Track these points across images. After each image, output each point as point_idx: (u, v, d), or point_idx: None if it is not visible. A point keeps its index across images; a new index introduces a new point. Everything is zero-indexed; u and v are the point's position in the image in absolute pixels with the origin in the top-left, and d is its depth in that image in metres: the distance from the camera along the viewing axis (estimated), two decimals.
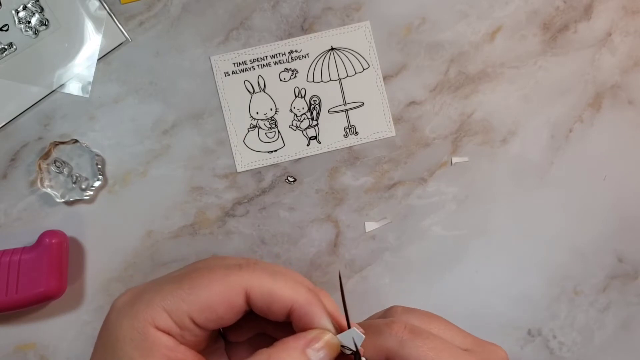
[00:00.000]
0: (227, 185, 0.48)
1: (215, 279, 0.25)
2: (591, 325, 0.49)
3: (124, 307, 0.25)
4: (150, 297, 0.25)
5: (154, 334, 0.24)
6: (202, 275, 0.25)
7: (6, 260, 0.43)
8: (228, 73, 0.48)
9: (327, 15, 0.49)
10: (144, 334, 0.24)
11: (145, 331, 0.24)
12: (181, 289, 0.24)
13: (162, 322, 0.24)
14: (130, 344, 0.24)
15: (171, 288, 0.25)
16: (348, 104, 0.49)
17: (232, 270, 0.25)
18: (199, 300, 0.24)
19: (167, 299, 0.24)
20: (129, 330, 0.24)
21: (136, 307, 0.24)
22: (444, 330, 0.28)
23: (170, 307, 0.24)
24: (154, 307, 0.24)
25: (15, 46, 0.46)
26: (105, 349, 0.25)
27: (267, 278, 0.25)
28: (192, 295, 0.24)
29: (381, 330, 0.26)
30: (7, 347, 0.46)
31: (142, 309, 0.24)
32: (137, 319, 0.24)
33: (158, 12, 0.48)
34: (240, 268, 0.25)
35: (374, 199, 0.49)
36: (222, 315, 0.25)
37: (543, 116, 0.50)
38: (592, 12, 0.50)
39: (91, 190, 0.46)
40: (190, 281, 0.25)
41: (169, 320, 0.24)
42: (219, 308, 0.25)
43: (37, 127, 0.47)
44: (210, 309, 0.24)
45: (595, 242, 0.50)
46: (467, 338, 0.29)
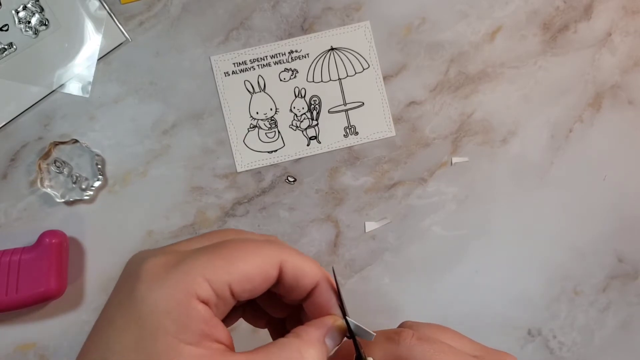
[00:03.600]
0: (227, 185, 0.48)
1: (252, 251, 0.25)
2: (591, 325, 0.49)
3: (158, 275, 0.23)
4: (188, 266, 0.23)
5: (195, 305, 0.23)
6: (238, 247, 0.24)
7: (6, 260, 0.43)
8: (228, 73, 0.48)
9: (327, 15, 0.49)
10: (184, 305, 0.22)
11: (186, 302, 0.22)
12: (222, 259, 0.24)
13: (203, 292, 0.23)
14: (166, 315, 0.22)
15: (210, 257, 0.24)
16: (348, 104, 0.49)
17: (266, 244, 0.25)
18: (239, 270, 0.24)
19: (208, 268, 0.23)
20: (166, 300, 0.22)
21: (174, 275, 0.23)
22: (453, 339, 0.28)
23: (211, 277, 0.23)
24: (195, 277, 0.23)
25: (15, 46, 0.46)
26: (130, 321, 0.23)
27: (298, 254, 0.26)
28: (233, 265, 0.24)
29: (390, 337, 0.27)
30: (7, 347, 0.46)
31: (182, 278, 0.23)
32: (177, 289, 0.23)
33: (158, 12, 0.48)
34: (271, 242, 0.26)
35: (374, 199, 0.49)
36: (257, 286, 0.25)
37: (543, 116, 0.50)
38: (592, 12, 0.50)
39: (91, 190, 0.46)
40: (229, 252, 0.24)
41: (209, 290, 0.23)
42: (255, 279, 0.24)
43: (37, 127, 0.47)
44: (248, 280, 0.24)
45: (595, 242, 0.50)
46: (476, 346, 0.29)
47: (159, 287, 0.23)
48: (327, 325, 0.26)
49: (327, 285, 0.27)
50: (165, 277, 0.23)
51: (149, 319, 0.22)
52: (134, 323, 0.22)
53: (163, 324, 0.22)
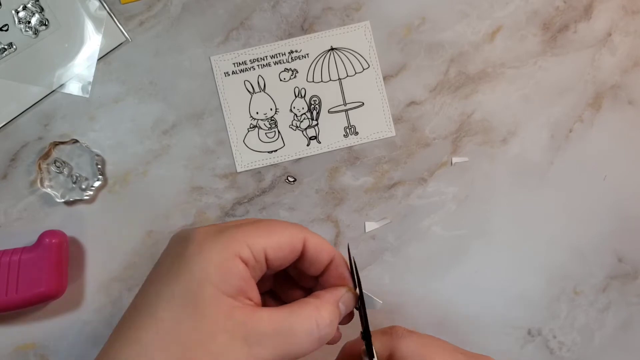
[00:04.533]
0: (227, 185, 0.48)
1: (284, 227, 0.30)
2: (591, 325, 0.49)
3: (209, 237, 0.28)
4: (234, 232, 0.28)
5: (237, 263, 0.27)
6: (272, 223, 0.30)
7: (6, 260, 0.43)
8: (228, 73, 0.48)
9: (327, 15, 0.49)
10: (229, 262, 0.27)
11: (230, 260, 0.27)
12: (260, 230, 0.29)
13: (244, 254, 0.28)
14: (213, 268, 0.27)
15: (251, 228, 0.29)
16: (348, 104, 0.49)
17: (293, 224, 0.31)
18: (273, 240, 0.29)
19: (250, 235, 0.28)
20: (216, 256, 0.27)
21: (222, 238, 0.28)
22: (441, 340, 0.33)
23: (251, 242, 0.28)
24: (239, 241, 0.28)
25: (15, 46, 0.46)
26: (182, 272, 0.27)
27: (317, 236, 0.31)
28: (269, 236, 0.29)
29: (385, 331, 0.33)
30: (7, 347, 0.46)
31: (228, 241, 0.28)
32: (225, 248, 0.27)
33: (158, 12, 0.48)
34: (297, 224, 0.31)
35: (374, 199, 0.49)
36: (286, 255, 0.30)
37: (543, 116, 0.50)
38: (592, 12, 0.50)
39: (91, 190, 0.46)
40: (266, 225, 0.29)
41: (249, 253, 0.28)
42: (285, 248, 0.29)
43: (37, 127, 0.47)
44: (280, 248, 0.29)
45: (595, 242, 0.50)
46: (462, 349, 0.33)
47: (208, 246, 0.27)
48: (341, 292, 0.31)
49: (340, 261, 0.32)
50: (213, 239, 0.28)
51: (199, 270, 0.27)
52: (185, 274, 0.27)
53: (210, 275, 0.27)
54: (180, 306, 0.26)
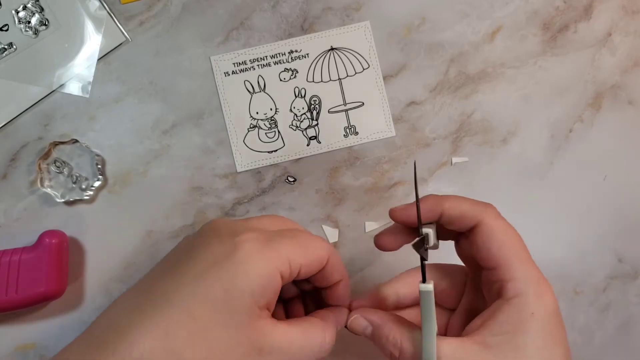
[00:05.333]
0: (227, 185, 0.48)
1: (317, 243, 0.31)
2: (591, 325, 0.49)
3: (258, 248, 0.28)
4: (279, 246, 0.29)
5: (278, 279, 0.28)
6: (308, 238, 0.31)
7: (6, 260, 0.43)
8: (228, 73, 0.48)
9: (327, 15, 0.49)
10: (271, 277, 0.28)
11: (273, 275, 0.28)
12: (300, 247, 0.30)
13: (284, 269, 0.28)
14: (257, 280, 0.27)
15: (292, 243, 0.29)
16: (348, 104, 0.49)
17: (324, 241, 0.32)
18: (309, 257, 0.30)
19: (291, 252, 0.29)
20: (261, 272, 0.28)
21: (269, 252, 0.28)
22: None
23: (292, 259, 0.29)
24: (282, 256, 0.28)
25: (15, 46, 0.46)
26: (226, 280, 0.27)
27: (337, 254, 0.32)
28: (307, 253, 0.30)
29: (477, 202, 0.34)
30: (7, 347, 0.46)
31: (275, 256, 0.28)
32: (271, 262, 0.28)
33: (158, 12, 0.48)
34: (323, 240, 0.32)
35: (374, 199, 0.49)
36: (314, 271, 0.31)
37: (543, 116, 0.50)
38: (592, 12, 0.50)
39: (91, 190, 0.46)
40: (302, 241, 0.30)
41: (288, 268, 0.29)
42: (315, 265, 0.30)
43: (37, 127, 0.47)
44: (311, 265, 0.30)
45: (595, 242, 0.50)
46: None
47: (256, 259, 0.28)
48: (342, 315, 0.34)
49: (347, 282, 0.34)
50: (262, 252, 0.28)
51: (243, 282, 0.27)
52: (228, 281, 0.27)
53: (252, 289, 0.27)
54: (217, 310, 0.27)
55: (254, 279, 0.27)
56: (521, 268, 0.30)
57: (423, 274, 0.31)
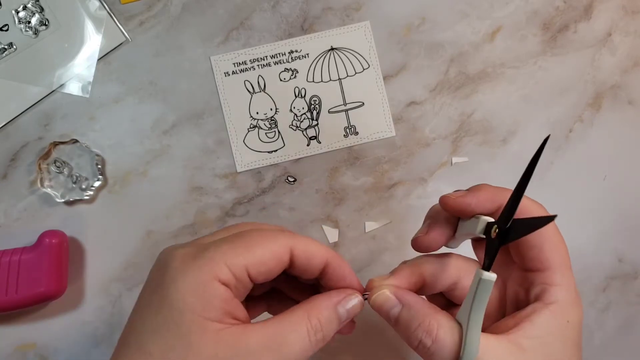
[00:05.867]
0: (227, 185, 0.48)
1: (266, 238, 0.28)
2: (591, 325, 0.49)
3: (186, 262, 0.27)
4: (212, 253, 0.27)
5: (217, 286, 0.26)
6: (254, 235, 0.28)
7: (6, 260, 0.43)
8: (228, 73, 0.48)
9: (327, 15, 0.49)
10: (207, 286, 0.26)
11: (209, 283, 0.26)
12: (240, 247, 0.27)
13: (223, 275, 0.26)
14: (192, 295, 0.26)
15: (230, 245, 0.27)
16: (348, 104, 0.49)
17: (278, 232, 0.29)
18: (255, 255, 0.27)
19: (228, 254, 0.27)
20: (193, 282, 0.26)
21: (199, 262, 0.27)
22: None
23: (230, 262, 0.27)
24: (217, 262, 0.27)
25: (15, 46, 0.46)
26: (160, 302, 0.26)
27: (306, 239, 0.29)
28: (250, 251, 0.27)
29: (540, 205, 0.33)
30: (7, 347, 0.46)
31: (206, 263, 0.27)
32: (202, 272, 0.26)
33: (158, 12, 0.48)
34: (283, 231, 0.29)
35: (374, 199, 0.49)
36: (272, 269, 0.28)
37: (543, 116, 0.50)
38: (592, 12, 0.50)
39: (91, 190, 0.46)
40: (246, 240, 0.28)
41: (229, 273, 0.27)
42: (270, 262, 0.28)
43: (37, 127, 0.47)
44: (263, 263, 0.28)
45: (595, 242, 0.50)
46: None
47: (185, 272, 0.26)
48: (341, 295, 0.30)
49: (338, 262, 0.30)
50: (191, 264, 0.27)
51: (178, 300, 0.26)
52: (165, 304, 0.26)
53: (189, 303, 0.26)
54: (166, 338, 0.26)
55: (187, 294, 0.26)
56: (567, 275, 0.30)
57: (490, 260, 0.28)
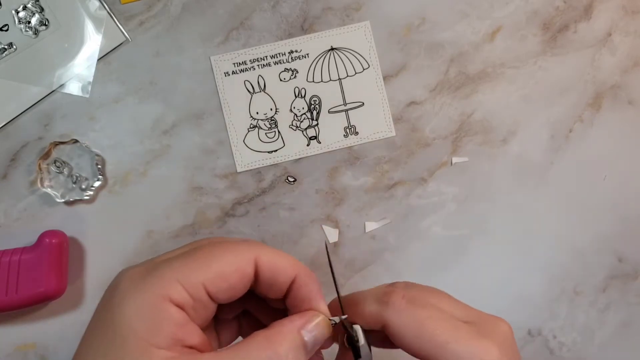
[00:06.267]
0: (227, 185, 0.48)
1: (227, 250, 0.25)
2: (591, 325, 0.49)
3: (133, 282, 0.24)
4: (162, 271, 0.24)
5: (168, 308, 0.23)
6: (212, 249, 0.25)
7: (6, 260, 0.43)
8: (228, 73, 0.48)
9: (327, 15, 0.49)
10: (156, 308, 0.23)
11: (158, 305, 0.23)
12: (194, 261, 0.24)
13: (176, 295, 0.23)
14: (138, 319, 0.23)
15: (183, 261, 0.24)
16: (348, 104, 0.49)
17: (240, 243, 0.26)
18: (212, 269, 0.24)
19: (181, 271, 0.24)
20: (140, 304, 0.23)
21: (148, 280, 0.23)
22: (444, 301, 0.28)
23: (184, 279, 0.23)
24: (168, 280, 0.23)
25: (15, 46, 0.46)
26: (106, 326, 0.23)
27: (273, 251, 0.26)
28: (206, 266, 0.24)
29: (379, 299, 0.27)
30: (7, 347, 0.46)
31: (155, 282, 0.23)
32: (150, 292, 0.23)
33: (158, 12, 0.48)
34: (246, 242, 0.26)
35: (374, 199, 0.49)
36: (234, 285, 0.25)
37: (543, 116, 0.50)
38: (592, 12, 0.50)
39: (91, 190, 0.46)
40: (202, 254, 0.24)
41: (183, 292, 0.23)
42: (231, 277, 0.24)
43: (37, 127, 0.47)
44: (223, 278, 0.24)
45: (595, 242, 0.50)
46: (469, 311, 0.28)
47: (133, 293, 0.23)
48: (304, 318, 0.26)
49: (305, 279, 0.26)
50: (139, 283, 0.23)
51: (122, 323, 0.23)
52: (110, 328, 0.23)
53: (134, 328, 0.22)
54: None
55: (133, 318, 0.23)
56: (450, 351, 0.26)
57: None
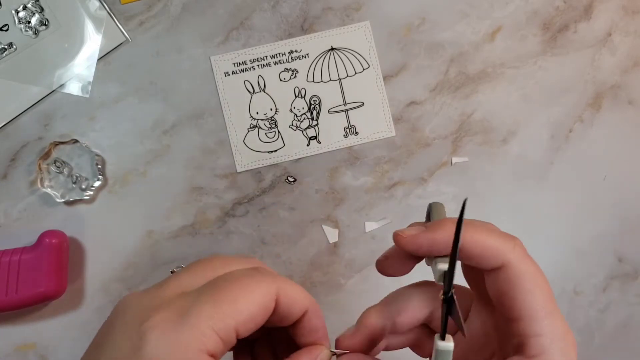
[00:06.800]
0: (227, 185, 0.48)
1: (251, 289, 0.24)
2: (591, 325, 0.49)
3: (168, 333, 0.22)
4: (195, 320, 0.23)
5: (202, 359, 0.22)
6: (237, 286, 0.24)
7: (6, 260, 0.43)
8: (228, 73, 0.48)
9: (327, 15, 0.49)
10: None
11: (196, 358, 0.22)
12: (225, 305, 0.23)
13: (212, 345, 0.22)
14: None
15: (213, 305, 0.23)
16: (348, 104, 0.49)
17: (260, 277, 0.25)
18: (244, 313, 0.23)
19: (215, 317, 0.23)
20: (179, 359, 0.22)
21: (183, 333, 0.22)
22: None
23: (219, 327, 0.23)
24: (204, 331, 0.22)
25: (15, 46, 0.46)
26: None
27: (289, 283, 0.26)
28: (237, 309, 0.23)
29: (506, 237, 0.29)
30: (7, 347, 0.46)
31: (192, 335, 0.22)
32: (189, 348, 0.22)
33: (158, 12, 0.48)
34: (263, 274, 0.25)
35: (374, 199, 0.49)
36: (260, 323, 0.24)
37: (543, 116, 0.50)
38: (592, 12, 0.50)
39: (91, 190, 0.46)
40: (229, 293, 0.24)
41: (218, 341, 0.23)
42: (258, 316, 0.24)
43: (37, 127, 0.47)
44: (252, 320, 0.24)
45: (595, 242, 0.50)
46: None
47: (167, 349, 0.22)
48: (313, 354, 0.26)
49: (315, 311, 0.26)
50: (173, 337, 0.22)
51: None
52: None
53: None
54: None
55: None
56: (548, 323, 0.26)
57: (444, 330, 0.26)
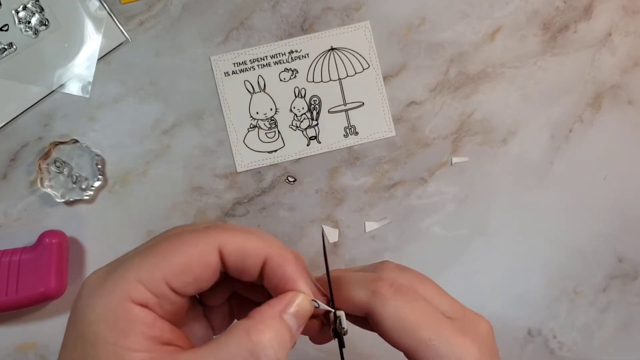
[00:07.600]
0: (227, 185, 0.48)
1: (187, 242, 0.24)
2: (591, 325, 0.49)
3: (94, 287, 0.23)
4: (121, 272, 0.23)
5: (131, 309, 0.22)
6: (171, 242, 0.24)
7: (6, 260, 0.43)
8: (228, 73, 0.48)
9: (327, 15, 0.49)
10: (120, 312, 0.22)
11: (121, 308, 0.22)
12: (153, 257, 0.23)
13: (138, 295, 0.22)
14: (105, 325, 0.22)
15: (142, 258, 0.23)
16: (348, 104, 0.49)
17: (201, 231, 0.24)
18: (173, 264, 0.23)
19: (140, 269, 0.23)
20: (103, 310, 0.22)
21: (108, 284, 0.23)
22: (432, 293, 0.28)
23: (144, 277, 0.23)
24: (128, 281, 0.23)
25: (15, 46, 0.46)
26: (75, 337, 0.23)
27: (239, 234, 0.25)
28: (165, 260, 0.23)
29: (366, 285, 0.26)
30: (7, 347, 0.46)
31: (116, 285, 0.23)
32: (111, 297, 0.22)
33: (158, 12, 0.48)
34: (209, 228, 0.25)
35: (374, 199, 0.49)
36: (199, 277, 0.24)
37: (543, 116, 0.50)
38: (592, 12, 0.50)
39: (91, 190, 0.46)
40: (161, 249, 0.23)
41: (145, 291, 0.23)
42: (195, 269, 0.23)
43: (37, 127, 0.47)
44: (186, 271, 0.23)
45: (595, 242, 0.50)
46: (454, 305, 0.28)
47: (94, 298, 0.23)
48: (284, 301, 0.24)
49: (278, 259, 0.25)
50: (100, 287, 0.23)
51: (90, 332, 0.22)
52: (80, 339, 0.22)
53: (103, 335, 0.22)
54: None
55: (98, 325, 0.22)
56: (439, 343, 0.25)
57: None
